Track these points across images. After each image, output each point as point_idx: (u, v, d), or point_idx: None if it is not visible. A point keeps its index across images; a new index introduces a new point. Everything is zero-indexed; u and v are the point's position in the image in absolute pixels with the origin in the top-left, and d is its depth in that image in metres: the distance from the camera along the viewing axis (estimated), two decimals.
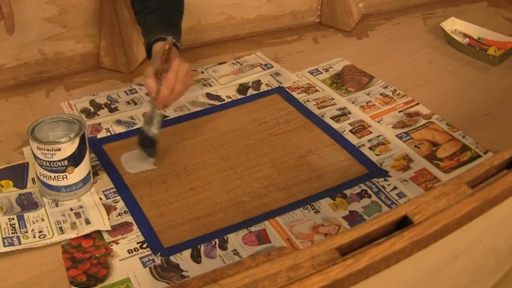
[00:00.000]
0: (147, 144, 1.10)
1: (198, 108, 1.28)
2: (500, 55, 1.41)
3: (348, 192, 1.05)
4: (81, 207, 1.02)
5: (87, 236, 0.97)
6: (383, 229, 0.62)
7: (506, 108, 1.27)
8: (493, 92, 1.32)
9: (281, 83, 1.36)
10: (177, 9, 1.20)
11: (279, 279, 0.56)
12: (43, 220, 0.99)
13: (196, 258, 0.94)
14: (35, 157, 1.00)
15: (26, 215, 1.00)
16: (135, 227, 0.99)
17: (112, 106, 1.28)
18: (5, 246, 0.93)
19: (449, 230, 0.63)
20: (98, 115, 1.25)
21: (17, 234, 0.96)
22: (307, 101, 1.30)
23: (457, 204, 0.64)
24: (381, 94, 1.31)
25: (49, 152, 0.98)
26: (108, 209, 1.02)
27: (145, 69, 1.06)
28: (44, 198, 1.03)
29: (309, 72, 1.41)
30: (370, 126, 1.22)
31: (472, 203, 0.65)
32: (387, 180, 1.08)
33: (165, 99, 1.05)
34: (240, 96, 1.32)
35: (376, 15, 1.66)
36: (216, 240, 0.97)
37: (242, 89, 1.34)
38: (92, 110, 1.27)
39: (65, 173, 1.00)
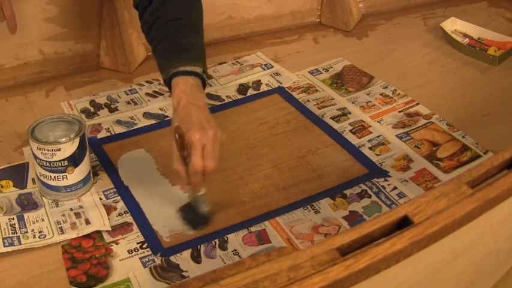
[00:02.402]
0: (201, 223, 0.99)
1: None
2: (500, 55, 1.41)
3: (348, 192, 1.05)
4: (81, 207, 1.02)
5: (87, 236, 0.97)
6: (383, 229, 0.62)
7: (506, 108, 1.27)
8: (493, 92, 1.32)
9: (281, 83, 1.36)
10: (182, 26, 1.06)
11: (279, 280, 0.56)
12: (43, 220, 0.99)
13: (196, 258, 0.94)
14: (35, 157, 1.00)
15: (26, 215, 1.00)
16: (135, 227, 0.99)
17: (112, 106, 1.28)
18: (5, 246, 0.93)
19: (449, 230, 0.63)
20: (98, 115, 1.25)
21: (17, 235, 0.96)
22: (307, 101, 1.30)
23: (457, 204, 0.65)
24: (381, 94, 1.31)
25: (49, 152, 0.98)
26: (108, 209, 1.02)
27: (171, 150, 0.94)
28: (44, 199, 1.03)
29: (309, 72, 1.41)
30: (370, 126, 1.22)
31: (472, 203, 0.65)
32: (387, 180, 1.08)
33: (199, 184, 0.94)
34: (240, 96, 1.32)
35: (376, 15, 1.66)
36: (216, 240, 0.97)
37: (242, 89, 1.34)
38: (92, 110, 1.27)
39: (65, 173, 1.00)
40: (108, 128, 1.21)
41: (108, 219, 1.00)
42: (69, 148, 0.99)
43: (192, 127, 0.92)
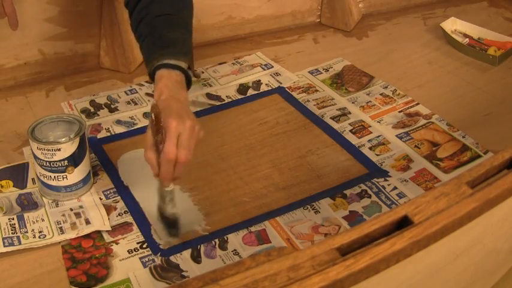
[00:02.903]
0: (168, 225, 0.97)
1: (198, 108, 1.28)
2: (500, 55, 1.41)
3: (348, 192, 1.05)
4: (81, 207, 1.02)
5: (87, 236, 0.97)
6: (383, 229, 0.62)
7: (506, 108, 1.27)
8: (493, 92, 1.32)
9: (281, 83, 1.36)
10: (169, 22, 1.04)
11: (279, 280, 0.56)
12: (43, 220, 0.99)
13: (196, 258, 0.94)
14: (35, 157, 1.00)
15: (26, 215, 1.00)
16: (135, 227, 0.99)
17: (112, 106, 1.28)
18: (5, 246, 0.93)
19: (449, 230, 0.63)
20: (98, 115, 1.25)
21: (17, 234, 0.96)
22: (307, 101, 1.30)
23: (457, 204, 0.65)
24: (381, 94, 1.31)
25: (49, 152, 0.98)
26: (108, 209, 1.02)
27: (145, 136, 0.91)
28: (44, 198, 1.03)
29: (309, 72, 1.41)
30: (370, 126, 1.22)
31: (472, 203, 0.65)
32: (387, 180, 1.08)
33: (169, 175, 0.89)
34: (240, 96, 1.32)
35: (376, 15, 1.66)
36: (216, 240, 0.97)
37: (242, 89, 1.34)
38: (92, 110, 1.27)
39: (65, 173, 1.00)
40: (108, 128, 1.21)
41: (108, 219, 1.00)
42: (69, 148, 0.99)
43: (171, 115, 0.89)
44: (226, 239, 0.97)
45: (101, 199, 1.04)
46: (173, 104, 0.93)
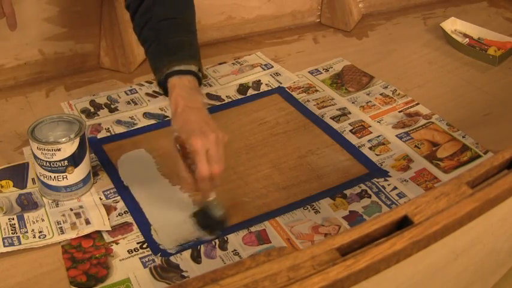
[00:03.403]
0: (218, 227, 0.98)
1: None
2: (500, 55, 1.41)
3: (348, 192, 1.05)
4: (81, 207, 1.02)
5: (87, 236, 0.97)
6: (383, 229, 0.62)
7: (506, 108, 1.27)
8: (493, 92, 1.32)
9: (281, 83, 1.36)
10: (174, 26, 1.04)
11: (279, 280, 0.56)
12: (43, 220, 0.99)
13: (196, 258, 0.94)
14: (35, 157, 1.00)
15: (26, 215, 1.00)
16: (135, 227, 0.99)
17: (112, 106, 1.28)
18: (5, 246, 0.93)
19: (449, 230, 0.64)
20: (98, 115, 1.25)
21: (17, 235, 0.96)
22: (307, 101, 1.30)
23: (457, 204, 0.65)
24: (381, 94, 1.31)
25: (49, 152, 0.98)
26: (108, 209, 1.02)
27: (175, 158, 0.94)
28: (44, 199, 1.03)
29: (309, 72, 1.41)
30: (370, 126, 1.22)
31: (472, 203, 0.65)
32: (387, 180, 1.08)
33: (208, 189, 0.93)
34: (240, 96, 1.32)
35: (376, 15, 1.66)
36: (216, 240, 0.97)
37: (242, 89, 1.34)
38: (92, 110, 1.27)
39: (65, 173, 1.00)
40: (108, 128, 1.21)
41: (108, 219, 1.00)
42: (69, 148, 0.99)
43: (192, 134, 0.90)
44: (226, 239, 0.97)
45: (101, 199, 1.04)
46: (192, 117, 0.93)
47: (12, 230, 0.97)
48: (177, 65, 0.98)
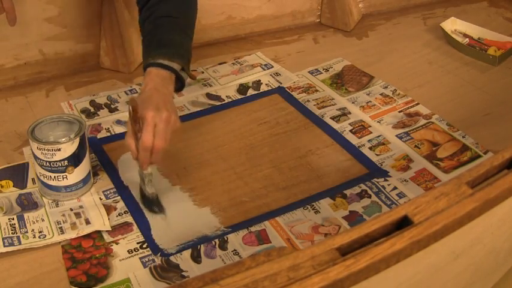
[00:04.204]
0: (149, 204, 1.03)
1: (198, 108, 1.28)
2: (500, 55, 1.41)
3: (348, 192, 1.05)
4: (81, 207, 1.02)
5: (87, 236, 0.97)
6: (383, 229, 0.62)
7: (506, 108, 1.27)
8: (493, 92, 1.32)
9: (281, 83, 1.36)
10: (172, 24, 1.09)
11: (279, 279, 0.56)
12: (43, 220, 0.99)
13: (196, 258, 0.94)
14: (35, 157, 1.00)
15: (26, 215, 1.00)
16: (135, 227, 0.99)
17: (112, 106, 1.28)
18: (5, 246, 0.93)
19: (449, 230, 0.63)
20: (98, 115, 1.25)
21: (17, 234, 0.96)
22: (307, 101, 1.30)
23: (457, 204, 0.64)
24: (381, 94, 1.31)
25: (49, 152, 0.98)
26: (108, 209, 1.02)
27: (126, 124, 0.99)
28: (44, 198, 1.03)
29: (309, 72, 1.41)
30: (370, 126, 1.22)
31: (472, 203, 0.65)
32: (387, 180, 1.08)
33: (146, 161, 0.98)
34: (240, 96, 1.32)
35: (376, 15, 1.66)
36: (216, 240, 0.97)
37: (242, 89, 1.34)
38: (92, 110, 1.27)
39: (65, 173, 1.00)
40: (108, 128, 1.21)
41: (108, 219, 1.00)
42: (69, 148, 0.99)
43: (148, 106, 0.96)
44: (226, 239, 0.97)
45: (101, 199, 1.04)
46: (154, 95, 0.99)
47: (12, 230, 0.97)
48: (161, 59, 1.03)
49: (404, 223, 0.63)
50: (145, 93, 1.00)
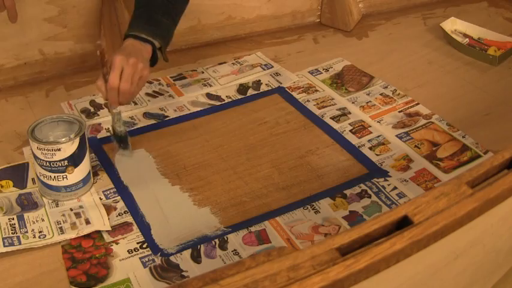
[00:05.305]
0: (119, 141, 1.14)
1: (198, 108, 1.28)
2: (500, 55, 1.41)
3: (348, 192, 1.05)
4: (81, 207, 1.02)
5: (87, 236, 0.97)
6: (383, 229, 0.62)
7: (506, 108, 1.27)
8: (493, 92, 1.32)
9: (281, 83, 1.36)
10: (165, 7, 1.16)
11: (279, 279, 0.56)
12: (43, 220, 0.99)
13: (196, 258, 0.94)
14: (35, 157, 1.00)
15: (26, 215, 1.00)
16: (135, 227, 0.99)
17: None
18: (5, 246, 0.93)
19: (449, 230, 0.63)
20: (98, 115, 1.25)
21: (17, 234, 0.96)
22: (307, 101, 1.30)
23: (457, 204, 0.64)
24: (381, 94, 1.31)
25: (49, 152, 0.98)
26: (108, 209, 1.02)
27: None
28: (44, 198, 1.03)
29: (309, 72, 1.41)
30: (370, 126, 1.22)
31: (472, 203, 0.65)
32: (387, 180, 1.08)
33: (114, 100, 1.06)
34: (240, 96, 1.32)
35: (376, 15, 1.66)
36: (216, 240, 0.97)
37: (242, 89, 1.34)
38: (92, 110, 1.27)
39: (65, 173, 1.00)
40: (108, 128, 1.21)
41: (108, 219, 1.00)
42: (69, 148, 0.99)
43: (118, 52, 1.05)
44: (226, 239, 0.97)
45: (101, 199, 1.04)
46: (129, 47, 1.08)
47: (12, 230, 0.97)
48: (146, 35, 1.10)
49: (404, 223, 0.63)
50: (121, 47, 1.08)
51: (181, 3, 1.20)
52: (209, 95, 1.32)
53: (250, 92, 1.34)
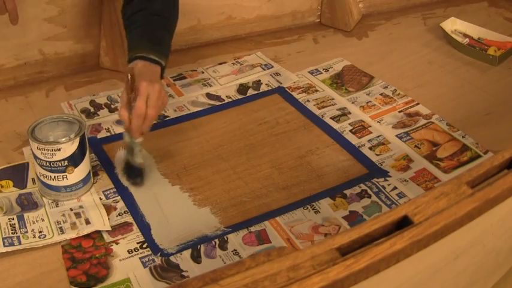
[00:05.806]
0: (134, 175, 1.07)
1: (198, 108, 1.28)
2: (500, 55, 1.41)
3: (348, 192, 1.05)
4: (81, 207, 1.02)
5: (87, 236, 0.97)
6: (383, 229, 0.62)
7: (506, 108, 1.27)
8: (493, 92, 1.32)
9: (281, 83, 1.36)
10: (163, 24, 1.15)
11: (279, 279, 0.56)
12: (43, 220, 0.99)
13: (196, 258, 0.94)
14: (35, 157, 1.00)
15: (26, 215, 1.00)
16: (135, 227, 0.99)
17: (112, 106, 1.28)
18: (5, 246, 0.93)
19: (449, 230, 0.63)
20: (98, 115, 1.25)
21: (17, 234, 0.96)
22: (307, 101, 1.30)
23: (457, 204, 0.64)
24: (381, 94, 1.31)
25: (49, 152, 0.98)
26: (108, 209, 1.02)
27: (121, 96, 1.05)
28: (44, 198, 1.03)
29: (309, 72, 1.41)
30: (370, 126, 1.22)
31: (472, 203, 0.65)
32: (387, 180, 1.08)
33: (138, 129, 1.03)
34: (240, 96, 1.32)
35: (376, 15, 1.66)
36: (216, 240, 0.97)
37: (242, 89, 1.34)
38: (92, 110, 1.27)
39: (65, 173, 1.00)
40: (108, 128, 1.21)
41: (108, 219, 1.00)
42: (69, 148, 0.99)
43: (143, 78, 1.03)
44: (226, 239, 0.97)
45: (101, 199, 1.04)
46: (147, 71, 1.06)
47: (12, 230, 0.97)
48: (154, 55, 1.09)
49: (404, 223, 0.63)
50: (138, 69, 1.05)
51: (175, 16, 1.19)
52: (209, 95, 1.32)
53: (250, 92, 1.34)
